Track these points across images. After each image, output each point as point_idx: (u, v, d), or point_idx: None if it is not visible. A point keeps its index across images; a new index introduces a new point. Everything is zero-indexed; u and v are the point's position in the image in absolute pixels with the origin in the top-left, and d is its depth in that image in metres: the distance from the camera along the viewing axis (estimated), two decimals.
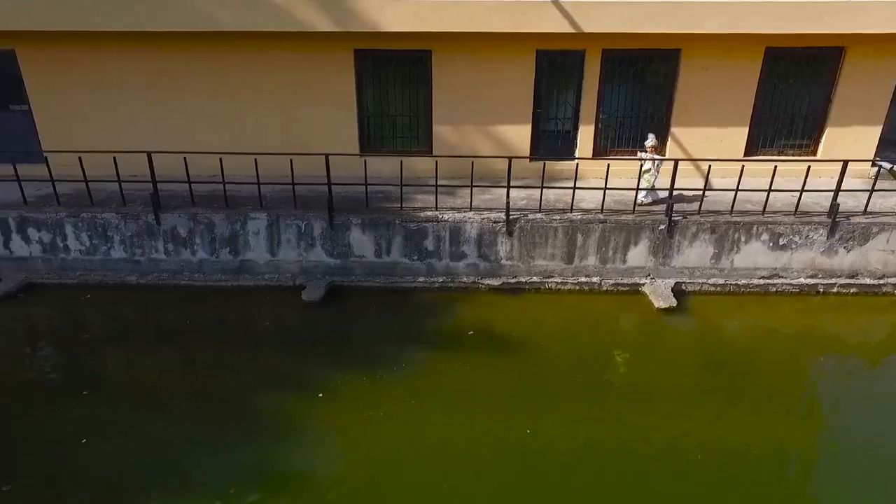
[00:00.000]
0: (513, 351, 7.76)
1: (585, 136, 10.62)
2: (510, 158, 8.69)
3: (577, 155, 10.74)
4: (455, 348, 7.81)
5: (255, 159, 8.58)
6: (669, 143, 10.68)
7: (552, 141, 10.78)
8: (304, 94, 10.26)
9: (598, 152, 10.77)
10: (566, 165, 10.44)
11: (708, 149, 10.61)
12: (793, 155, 10.68)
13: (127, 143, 10.07)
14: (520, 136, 10.57)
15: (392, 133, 10.78)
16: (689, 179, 9.74)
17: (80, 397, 6.82)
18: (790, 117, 10.59)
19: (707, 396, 6.99)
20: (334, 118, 10.42)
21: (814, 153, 10.77)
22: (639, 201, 9.23)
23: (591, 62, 10.11)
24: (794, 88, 10.36)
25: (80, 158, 8.60)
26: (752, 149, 10.77)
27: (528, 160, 10.38)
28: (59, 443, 6.09)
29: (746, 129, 10.57)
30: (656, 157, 9.15)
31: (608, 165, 8.84)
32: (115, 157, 8.66)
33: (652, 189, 9.25)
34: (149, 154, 8.54)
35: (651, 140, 9.22)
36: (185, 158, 8.59)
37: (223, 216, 8.82)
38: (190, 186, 8.82)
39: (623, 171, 9.65)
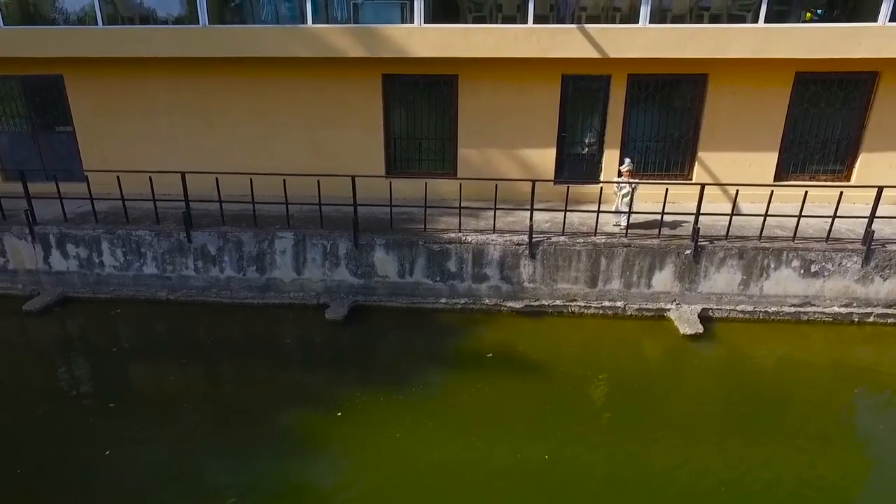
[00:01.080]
0: (534, 375, 7.68)
1: (610, 160, 10.59)
2: (534, 181, 8.72)
3: (601, 178, 10.72)
4: (475, 370, 7.78)
5: (284, 180, 8.80)
6: (696, 167, 10.59)
7: (577, 164, 10.79)
8: (333, 117, 10.53)
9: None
10: (590, 189, 10.44)
11: (736, 173, 10.48)
12: (825, 180, 10.47)
13: (164, 163, 10.48)
14: (544, 159, 10.62)
15: (417, 156, 10.94)
16: (715, 204, 9.60)
17: (107, 409, 6.99)
18: (822, 142, 10.40)
19: (735, 428, 6.77)
20: (361, 141, 10.65)
21: (847, 179, 10.53)
22: (616, 224, 9.24)
23: (616, 86, 10.14)
24: (825, 113, 10.19)
25: (118, 178, 8.96)
26: (782, 174, 10.59)
27: (552, 183, 10.41)
28: (82, 454, 6.23)
29: (776, 154, 10.41)
30: (632, 181, 9.02)
31: (633, 188, 8.78)
32: (150, 177, 8.99)
33: (629, 212, 9.07)
34: (182, 174, 8.84)
35: (627, 164, 9.10)
36: (217, 179, 8.87)
37: (251, 235, 9.04)
38: (221, 206, 9.09)
39: (648, 195, 9.59)
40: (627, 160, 9.18)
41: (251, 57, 9.77)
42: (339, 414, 6.82)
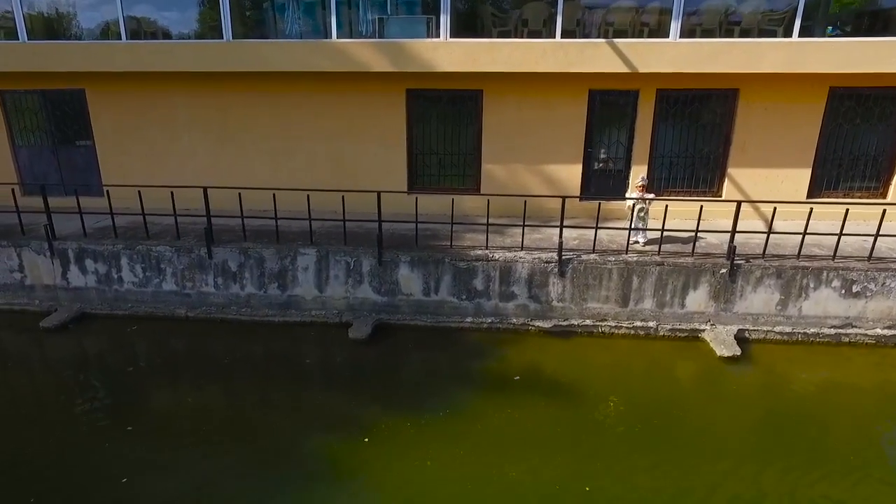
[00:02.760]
0: (565, 398, 7.38)
1: (638, 176, 10.33)
2: (564, 198, 8.49)
3: (628, 195, 10.47)
4: (503, 393, 7.48)
5: (308, 195, 8.63)
6: (726, 183, 10.34)
7: (603, 180, 10.56)
8: (356, 132, 10.39)
9: (652, 192, 10.47)
10: (617, 206, 10.21)
11: (767, 190, 10.23)
12: (860, 197, 10.18)
13: (184, 177, 10.37)
14: (570, 174, 10.41)
15: (440, 171, 10.76)
16: (746, 221, 9.33)
17: (124, 432, 6.73)
18: (857, 158, 10.13)
19: (774, 455, 6.42)
20: (384, 155, 10.49)
21: (883, 196, 10.24)
22: (635, 241, 9.02)
23: (644, 101, 9.95)
24: (860, 129, 9.94)
25: (139, 192, 8.82)
26: (815, 191, 10.32)
27: (578, 199, 10.20)
28: (99, 481, 5.95)
29: (809, 171, 10.15)
30: (647, 196, 8.85)
31: (666, 207, 8.53)
32: (171, 192, 8.85)
33: (645, 228, 8.97)
34: (204, 189, 8.69)
35: (641, 180, 8.92)
36: (239, 194, 8.71)
37: (273, 251, 8.84)
38: (243, 221, 8.91)
39: (678, 211, 9.32)
40: (642, 175, 9.07)
41: (273, 71, 9.67)
42: (366, 440, 6.53)
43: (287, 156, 10.62)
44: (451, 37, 9.40)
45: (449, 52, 9.32)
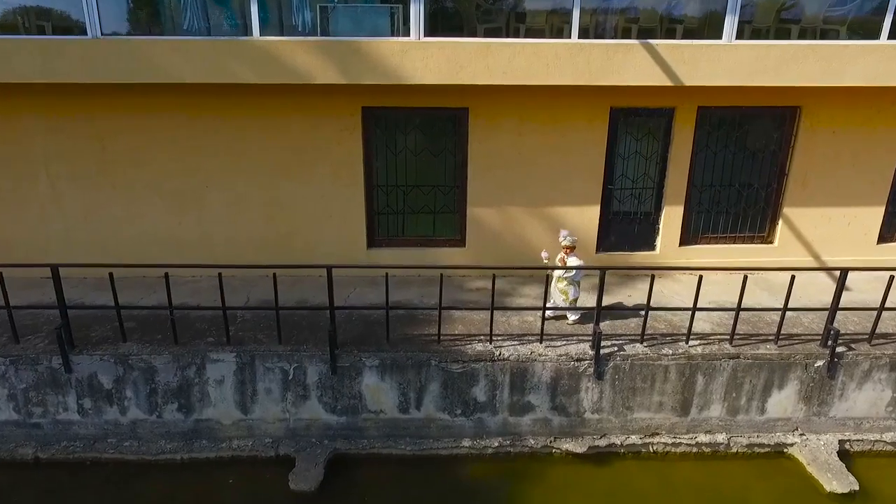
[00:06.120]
0: None
1: (671, 219, 7.94)
2: (603, 270, 5.87)
3: (658, 243, 8.07)
4: None
5: (220, 274, 5.67)
6: (780, 227, 8.07)
7: (626, 226, 8.08)
8: (292, 166, 7.48)
9: (687, 240, 8.10)
10: (644, 258, 7.81)
11: (829, 234, 8.07)
12: None
13: (39, 236, 7.19)
14: (584, 219, 7.86)
15: (411, 217, 7.96)
16: (802, 277, 7.09)
17: None
18: None
19: None
20: (334, 197, 7.63)
21: None
22: (551, 318, 6.51)
23: (682, 122, 7.54)
24: None
25: None
26: (885, 234, 8.22)
27: (594, 252, 7.72)
28: None
29: (881, 210, 8.03)
30: (572, 263, 6.18)
31: (744, 278, 6.08)
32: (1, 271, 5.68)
33: (572, 309, 6.40)
34: (54, 269, 5.55)
35: (565, 237, 6.23)
36: (110, 273, 5.64)
37: (168, 358, 5.83)
38: (119, 313, 5.83)
39: (710, 264, 7.01)
40: (564, 232, 6.28)
41: (171, 84, 6.63)
42: None
43: (196, 202, 7.57)
44: (425, 35, 6.67)
45: (424, 58, 6.57)
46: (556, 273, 6.25)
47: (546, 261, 6.19)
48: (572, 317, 6.49)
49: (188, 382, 5.91)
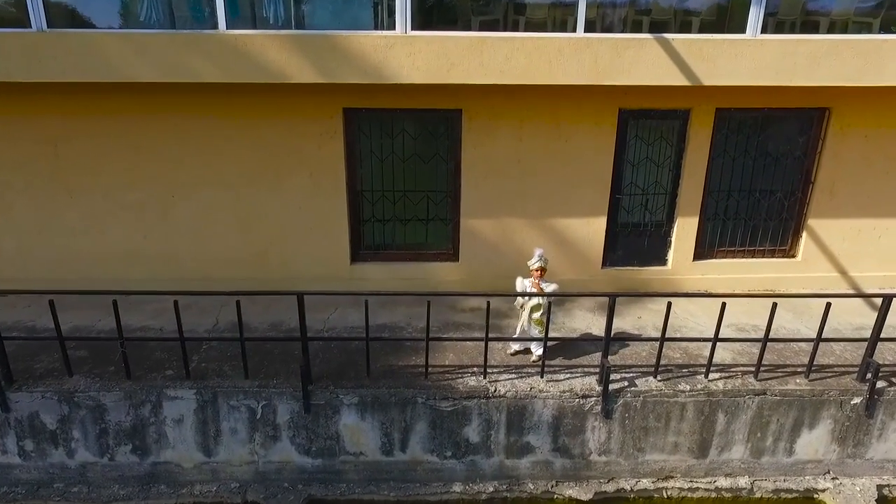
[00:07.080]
0: None
1: (684, 231, 7.25)
2: (613, 296, 5.17)
3: (670, 257, 7.38)
4: None
5: (176, 301, 4.98)
6: (804, 239, 7.37)
7: (635, 239, 7.38)
8: (267, 173, 6.79)
9: (702, 254, 7.41)
10: (654, 275, 7.14)
11: (858, 248, 7.40)
12: None
13: None
14: (589, 231, 7.17)
15: (399, 228, 7.28)
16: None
17: None
18: None
19: None
20: (312, 208, 6.94)
21: None
22: (516, 353, 5.74)
23: (698, 126, 6.83)
24: None
25: None
26: None
27: (599, 267, 7.04)
28: None
29: None
30: (546, 286, 5.30)
31: (773, 306, 5.39)
32: None
33: (543, 339, 5.29)
34: None
35: (537, 259, 5.31)
36: (50, 301, 4.95)
37: (120, 395, 5.14)
38: (62, 343, 5.15)
39: (725, 281, 6.38)
40: (539, 252, 5.35)
41: (130, 83, 5.92)
42: None
43: (161, 213, 6.88)
44: (412, 29, 5.96)
45: (410, 54, 5.87)
46: (531, 302, 5.43)
47: (539, 258, 5.35)
48: (537, 351, 5.55)
49: (143, 422, 5.23)
